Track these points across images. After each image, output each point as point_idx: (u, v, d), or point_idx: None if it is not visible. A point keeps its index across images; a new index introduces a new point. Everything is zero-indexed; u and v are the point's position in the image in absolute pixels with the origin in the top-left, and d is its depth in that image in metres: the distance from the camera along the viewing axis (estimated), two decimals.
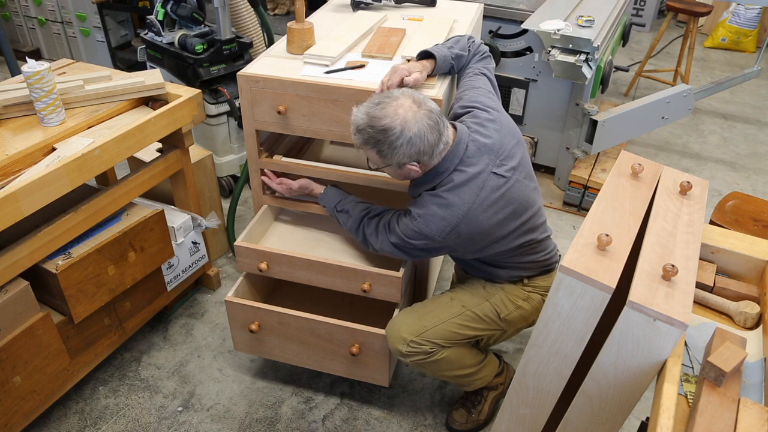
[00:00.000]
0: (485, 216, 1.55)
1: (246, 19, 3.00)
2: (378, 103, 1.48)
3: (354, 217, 1.77)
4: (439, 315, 1.72)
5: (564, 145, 3.09)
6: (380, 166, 1.56)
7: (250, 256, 1.92)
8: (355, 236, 1.79)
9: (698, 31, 5.25)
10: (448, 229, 1.55)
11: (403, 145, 1.46)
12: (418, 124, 1.45)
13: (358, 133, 1.51)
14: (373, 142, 1.48)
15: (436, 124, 1.49)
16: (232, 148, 2.95)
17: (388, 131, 1.45)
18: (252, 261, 1.92)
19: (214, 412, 2.06)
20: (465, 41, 1.82)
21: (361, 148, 1.54)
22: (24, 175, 1.68)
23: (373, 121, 1.46)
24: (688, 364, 1.28)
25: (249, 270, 1.95)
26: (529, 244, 1.69)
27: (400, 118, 1.45)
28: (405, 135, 1.45)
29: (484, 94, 1.72)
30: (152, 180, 2.06)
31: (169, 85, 2.08)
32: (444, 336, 1.70)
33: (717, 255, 1.50)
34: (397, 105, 1.46)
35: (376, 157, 1.52)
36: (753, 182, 3.38)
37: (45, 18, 4.19)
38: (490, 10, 2.94)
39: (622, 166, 1.55)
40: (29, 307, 1.72)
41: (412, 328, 1.70)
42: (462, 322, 1.72)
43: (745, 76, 3.43)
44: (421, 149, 1.48)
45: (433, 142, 1.49)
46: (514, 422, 1.58)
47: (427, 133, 1.47)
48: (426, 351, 1.69)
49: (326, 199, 1.85)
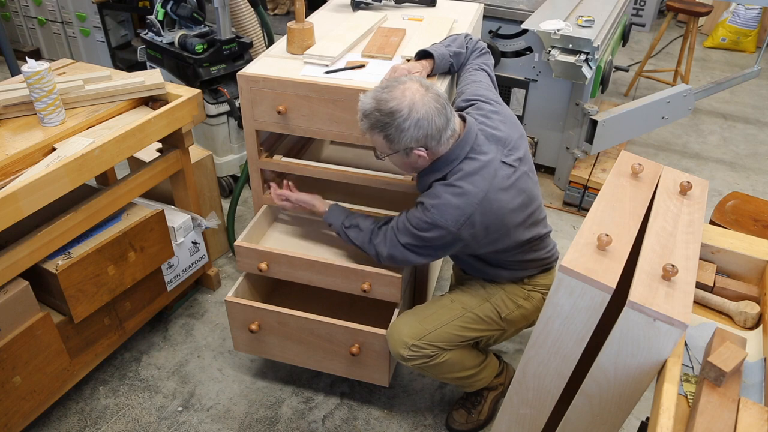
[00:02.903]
0: (498, 205, 1.53)
1: (246, 19, 3.00)
2: (385, 87, 1.47)
3: (365, 229, 1.72)
4: (440, 318, 1.71)
5: (564, 145, 3.09)
6: (387, 153, 1.53)
7: (250, 256, 1.91)
8: (366, 250, 1.73)
9: (698, 31, 5.25)
10: (462, 219, 1.51)
11: (410, 128, 1.44)
12: (425, 107, 1.44)
13: (365, 118, 1.48)
14: (380, 125, 1.46)
15: (444, 108, 1.47)
16: (232, 148, 2.95)
17: (395, 113, 1.43)
18: (252, 261, 1.91)
19: (214, 412, 2.06)
20: (462, 39, 1.82)
21: (368, 134, 1.51)
22: (24, 175, 1.68)
23: (380, 104, 1.45)
24: (688, 364, 1.28)
25: (249, 270, 1.95)
26: (534, 240, 1.68)
27: (407, 99, 1.43)
28: (412, 117, 1.43)
29: (486, 88, 1.72)
30: (152, 180, 2.06)
31: (169, 85, 2.08)
32: (446, 339, 1.70)
33: (717, 255, 1.50)
34: (404, 88, 1.45)
35: (383, 142, 1.50)
36: (753, 182, 3.38)
37: (45, 18, 4.19)
38: (490, 10, 2.94)
39: (622, 166, 1.55)
40: (29, 307, 1.72)
41: (414, 331, 1.69)
42: (463, 324, 1.72)
43: (745, 76, 3.43)
44: (428, 133, 1.45)
45: (440, 126, 1.46)
46: (514, 422, 1.57)
47: (434, 116, 1.45)
48: (427, 354, 1.69)
49: (332, 217, 1.80)
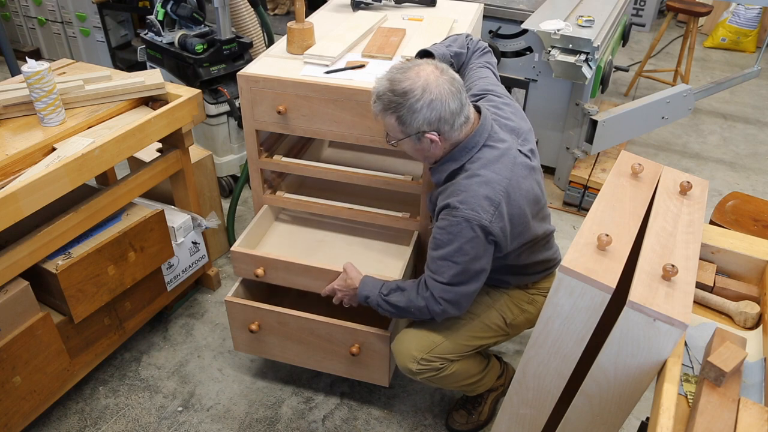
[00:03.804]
0: (520, 194, 1.50)
1: (246, 19, 3.00)
2: (400, 68, 1.46)
3: (408, 287, 1.59)
4: (448, 328, 1.68)
5: (564, 145, 3.09)
6: (399, 137, 1.50)
7: (246, 262, 1.89)
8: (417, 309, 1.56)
9: (698, 31, 5.25)
10: (492, 209, 1.45)
11: (423, 108, 1.41)
12: (439, 88, 1.41)
13: (378, 100, 1.46)
14: (393, 106, 1.43)
15: (458, 92, 1.44)
16: (232, 148, 2.95)
17: (408, 93, 1.41)
18: (248, 266, 1.90)
19: (214, 412, 2.06)
20: (463, 39, 1.81)
21: (380, 116, 1.49)
22: (24, 175, 1.68)
23: (393, 84, 1.43)
24: (688, 364, 1.28)
25: (245, 275, 1.93)
26: (545, 237, 1.67)
27: (421, 80, 1.41)
28: (426, 98, 1.40)
29: (494, 83, 1.71)
30: (152, 180, 2.06)
31: (169, 85, 2.08)
32: (454, 350, 1.67)
33: (717, 255, 1.50)
34: (419, 69, 1.43)
35: (394, 124, 1.46)
36: (753, 182, 3.38)
37: (45, 18, 4.19)
38: (490, 10, 2.94)
39: (622, 166, 1.55)
40: (29, 307, 1.72)
41: (421, 344, 1.65)
42: (470, 333, 1.69)
43: (745, 76, 3.43)
44: (442, 116, 1.42)
45: (454, 109, 1.43)
46: (514, 422, 1.57)
47: (448, 98, 1.42)
48: (436, 367, 1.66)
49: (366, 288, 1.65)
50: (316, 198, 2.02)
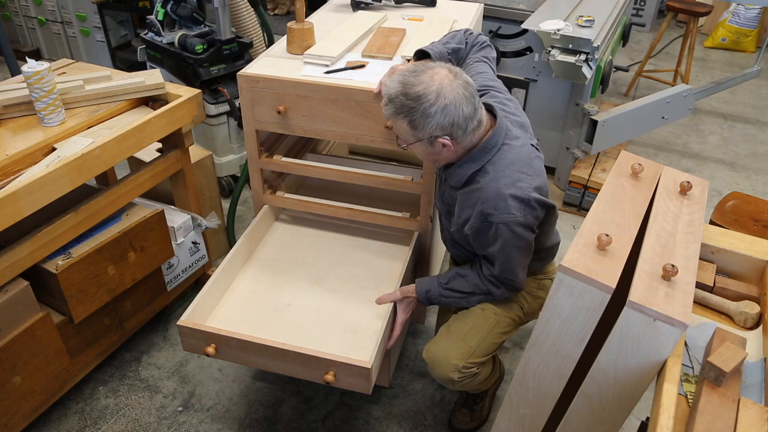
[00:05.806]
0: (542, 183, 1.52)
1: (246, 19, 3.00)
2: (413, 71, 1.43)
3: (467, 273, 1.66)
4: (480, 330, 1.66)
5: (564, 145, 3.09)
6: (410, 141, 1.48)
7: (195, 337, 1.59)
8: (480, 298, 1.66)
9: (698, 31, 5.25)
10: (522, 206, 1.47)
11: (437, 114, 1.39)
12: (453, 93, 1.39)
13: (390, 103, 1.43)
14: (405, 110, 1.41)
15: (472, 96, 1.43)
16: (232, 148, 2.95)
17: (422, 98, 1.38)
18: (198, 342, 1.60)
19: (214, 412, 2.06)
20: (461, 35, 1.80)
21: (392, 120, 1.47)
22: (24, 175, 1.68)
23: (406, 87, 1.40)
24: (688, 364, 1.28)
25: (195, 352, 1.64)
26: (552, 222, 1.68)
27: (435, 84, 1.39)
28: (439, 103, 1.38)
29: (492, 78, 1.71)
30: (152, 180, 2.06)
31: (169, 85, 2.08)
32: (487, 351, 1.67)
33: (717, 255, 1.50)
34: (432, 73, 1.41)
35: (407, 129, 1.44)
36: (753, 182, 3.38)
37: (45, 18, 4.19)
38: (490, 10, 2.94)
39: (622, 166, 1.55)
40: (29, 307, 1.72)
41: (460, 352, 1.64)
42: (499, 330, 1.69)
43: (745, 76, 3.43)
44: (455, 121, 1.40)
45: (467, 115, 1.42)
46: (514, 422, 1.57)
47: (462, 103, 1.40)
48: (473, 373, 1.66)
49: (425, 284, 1.69)
50: (316, 198, 2.02)
